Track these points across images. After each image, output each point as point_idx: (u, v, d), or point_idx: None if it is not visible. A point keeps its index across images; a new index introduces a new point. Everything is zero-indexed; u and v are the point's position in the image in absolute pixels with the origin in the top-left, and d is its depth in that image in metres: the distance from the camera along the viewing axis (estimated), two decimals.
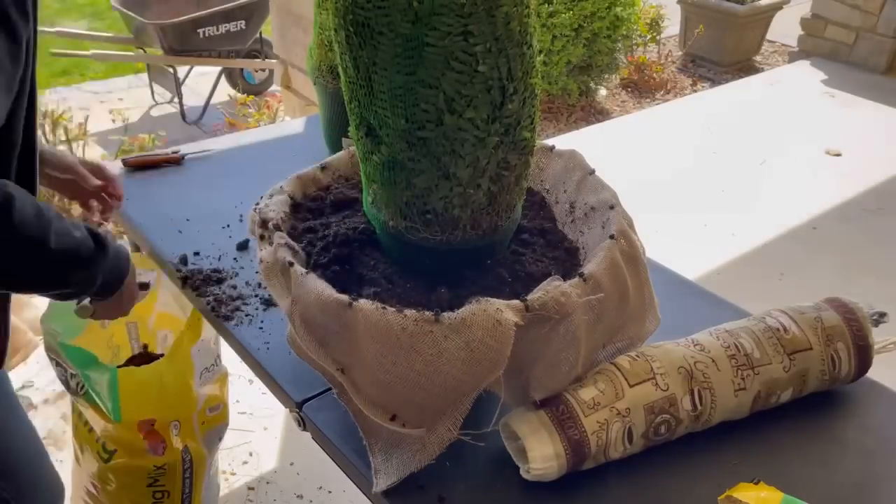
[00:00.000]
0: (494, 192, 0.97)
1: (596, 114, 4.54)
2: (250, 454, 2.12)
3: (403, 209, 0.98)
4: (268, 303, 1.29)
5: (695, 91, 4.90)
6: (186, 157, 1.79)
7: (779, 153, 3.87)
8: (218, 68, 4.73)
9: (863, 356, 1.09)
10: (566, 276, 0.96)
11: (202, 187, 1.68)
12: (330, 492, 2.01)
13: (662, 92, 4.87)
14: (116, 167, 1.72)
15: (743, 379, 1.02)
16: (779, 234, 3.22)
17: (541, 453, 0.94)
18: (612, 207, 1.09)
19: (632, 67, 4.89)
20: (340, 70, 0.96)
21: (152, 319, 1.69)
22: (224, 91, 4.84)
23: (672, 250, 1.99)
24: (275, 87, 4.90)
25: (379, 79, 0.89)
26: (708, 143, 3.96)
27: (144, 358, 1.66)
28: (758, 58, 5.46)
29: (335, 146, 1.68)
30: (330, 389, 1.04)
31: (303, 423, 1.10)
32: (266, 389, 1.22)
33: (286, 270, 0.98)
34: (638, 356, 1.02)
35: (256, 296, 1.31)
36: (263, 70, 4.97)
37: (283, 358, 1.17)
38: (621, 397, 0.97)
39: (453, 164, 0.92)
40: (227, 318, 1.26)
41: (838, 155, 3.86)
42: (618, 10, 4.20)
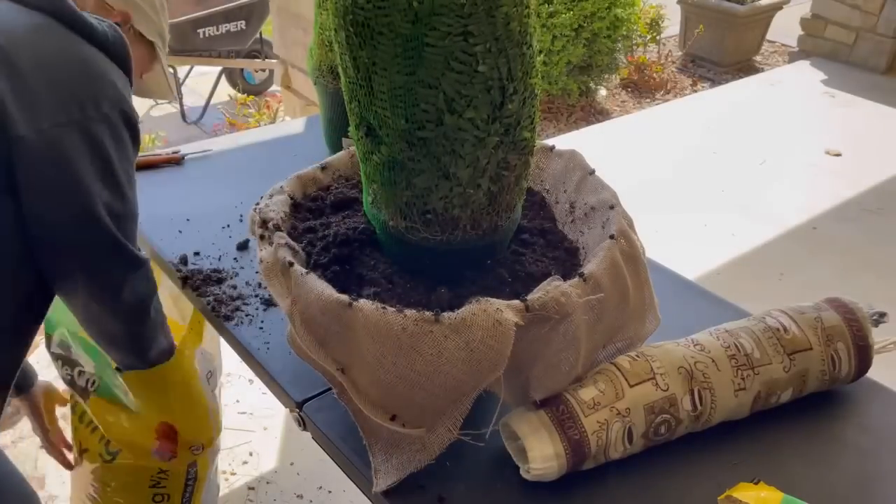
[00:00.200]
0: (494, 192, 0.97)
1: (596, 114, 4.54)
2: (250, 454, 2.12)
3: (403, 209, 0.98)
4: (268, 303, 1.29)
5: (695, 91, 4.90)
6: (186, 157, 1.79)
7: (779, 153, 3.87)
8: (218, 68, 4.74)
9: (863, 356, 1.09)
10: (566, 276, 0.96)
11: (202, 187, 1.68)
12: (330, 492, 2.01)
13: (662, 92, 4.87)
14: None
15: (743, 379, 1.02)
16: (779, 234, 3.22)
17: (541, 453, 0.94)
18: (612, 207, 1.09)
19: (632, 67, 4.89)
20: (340, 70, 0.96)
21: None
22: (224, 91, 4.84)
23: (672, 250, 1.99)
24: (275, 87, 4.91)
25: (379, 79, 0.89)
26: (708, 143, 3.96)
27: None
28: (758, 58, 5.46)
29: (335, 146, 1.68)
30: (330, 389, 1.04)
31: (303, 423, 1.10)
32: (266, 389, 1.22)
33: (286, 270, 0.98)
34: (638, 356, 1.02)
35: (256, 296, 1.31)
36: (263, 70, 4.98)
37: (283, 358, 1.17)
38: (621, 397, 0.97)
39: (453, 164, 0.92)
40: (227, 318, 1.26)
41: (838, 155, 3.86)
42: (618, 11, 4.20)
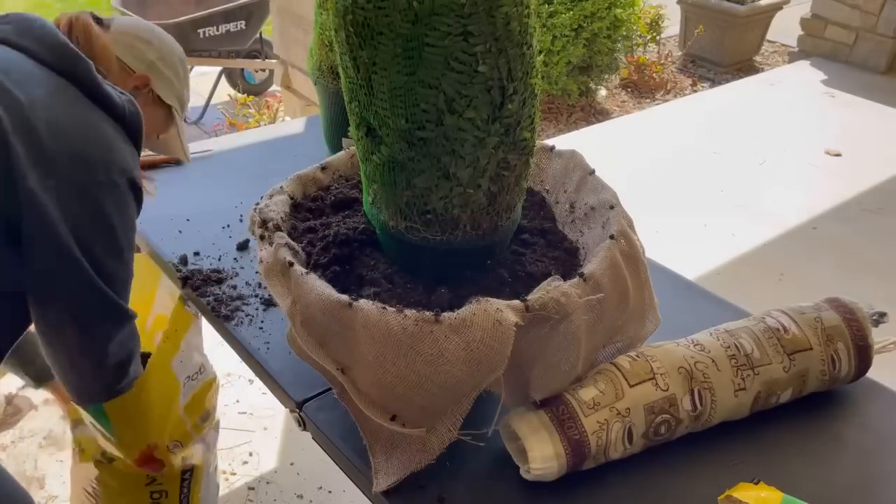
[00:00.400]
0: (494, 193, 0.97)
1: (596, 114, 4.54)
2: (250, 454, 2.12)
3: (403, 209, 0.98)
4: (268, 303, 1.29)
5: (695, 91, 4.90)
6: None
7: (779, 153, 3.87)
8: (218, 68, 4.73)
9: (863, 356, 1.09)
10: (566, 277, 0.96)
11: (202, 187, 1.68)
12: (330, 492, 2.01)
13: (662, 92, 4.87)
14: None
15: (743, 379, 1.02)
16: (779, 234, 3.22)
17: (541, 453, 0.93)
18: (612, 207, 1.09)
19: (632, 67, 4.89)
20: (340, 70, 0.96)
21: (150, 321, 1.68)
22: (224, 91, 4.83)
23: (672, 250, 1.99)
24: (275, 87, 4.90)
25: (379, 79, 0.89)
26: (708, 143, 3.96)
27: None
28: (758, 58, 5.46)
29: (335, 146, 1.68)
30: (330, 389, 1.05)
31: (303, 423, 1.10)
32: (266, 389, 1.22)
33: (286, 270, 0.98)
34: (638, 356, 1.02)
35: (256, 296, 1.31)
36: (263, 70, 4.97)
37: (283, 358, 1.17)
38: (621, 397, 0.97)
39: (453, 165, 0.92)
40: (227, 318, 1.26)
41: (838, 155, 3.86)
42: (618, 11, 4.20)
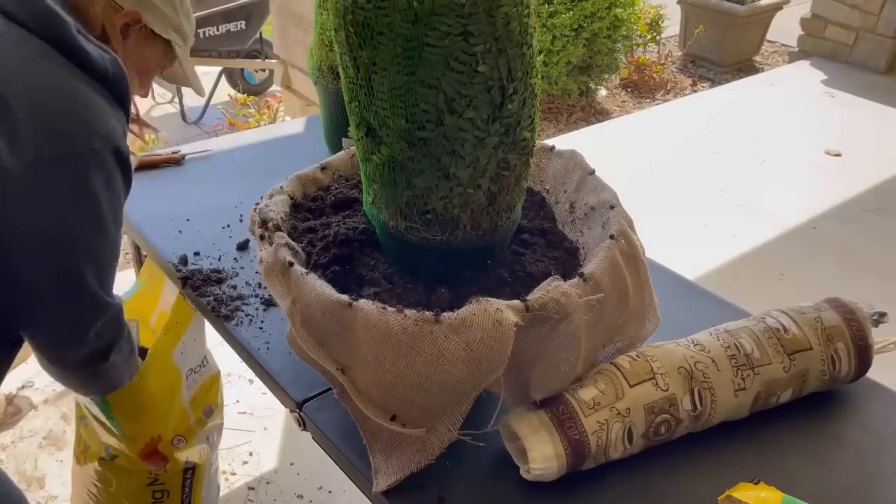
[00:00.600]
0: (494, 192, 0.98)
1: (596, 114, 4.54)
2: (250, 454, 2.12)
3: (403, 209, 0.98)
4: (268, 303, 1.29)
5: (695, 91, 4.90)
6: (186, 157, 1.79)
7: (779, 153, 3.87)
8: (218, 68, 4.73)
9: (863, 356, 1.09)
10: (566, 277, 0.96)
11: (202, 187, 1.68)
12: (330, 492, 2.01)
13: (662, 92, 4.87)
14: None
15: (743, 379, 1.02)
16: (779, 234, 3.22)
17: (541, 453, 0.94)
18: (612, 207, 1.09)
19: (632, 67, 4.89)
20: (340, 70, 0.96)
21: (154, 318, 1.68)
22: (224, 91, 4.83)
23: (672, 250, 1.99)
24: (275, 87, 4.90)
25: (379, 79, 0.89)
26: (708, 143, 3.96)
27: None
28: (758, 58, 5.46)
29: (335, 146, 1.68)
30: (330, 389, 1.05)
31: (303, 423, 1.10)
32: (266, 389, 1.22)
33: (286, 270, 0.98)
34: (638, 356, 1.02)
35: (256, 296, 1.31)
36: (263, 70, 4.97)
37: (283, 358, 1.17)
38: (621, 397, 0.97)
39: (453, 165, 0.92)
40: (227, 318, 1.26)
41: (838, 155, 3.86)
42: (618, 11, 4.20)
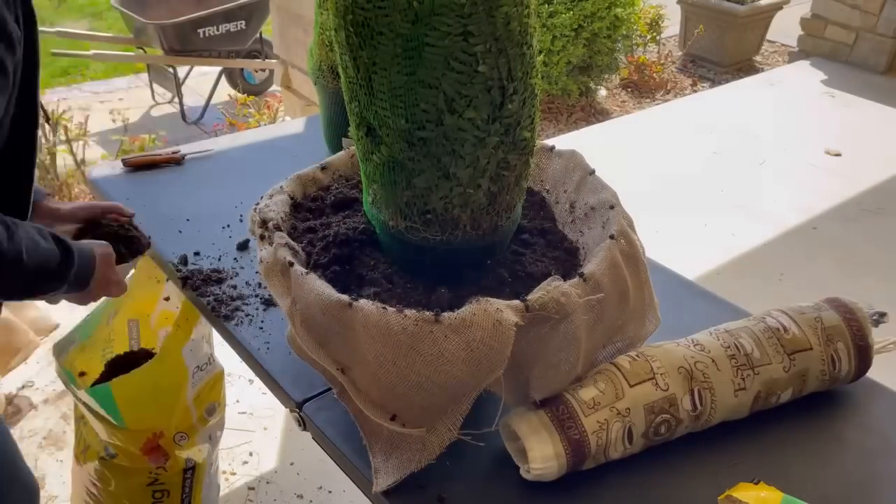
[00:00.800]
0: (494, 192, 0.98)
1: (596, 114, 4.54)
2: (250, 454, 2.12)
3: (403, 209, 0.98)
4: (268, 303, 1.29)
5: (695, 91, 4.90)
6: (186, 157, 1.79)
7: (779, 153, 3.87)
8: (218, 68, 4.74)
9: (863, 356, 1.09)
10: (566, 276, 0.96)
11: (202, 187, 1.68)
12: (330, 492, 2.01)
13: (662, 92, 4.87)
14: (111, 168, 1.72)
15: (743, 379, 1.02)
16: (779, 234, 3.22)
17: (541, 453, 0.94)
18: (612, 207, 1.09)
19: (632, 67, 4.89)
20: (340, 70, 0.96)
21: (154, 317, 1.68)
22: (224, 91, 4.83)
23: (672, 250, 1.99)
24: (275, 87, 4.91)
25: (379, 79, 0.89)
26: (708, 143, 3.96)
27: (130, 358, 1.64)
28: (758, 58, 5.46)
29: (335, 146, 1.68)
30: (330, 389, 1.04)
31: (303, 423, 1.10)
32: (266, 389, 1.22)
33: (286, 270, 0.98)
34: (638, 356, 1.02)
35: (256, 296, 1.31)
36: (263, 70, 4.98)
37: (283, 358, 1.17)
38: (621, 397, 0.97)
39: (453, 164, 0.92)
40: (227, 318, 1.26)
41: (838, 155, 3.86)
42: (618, 11, 4.20)
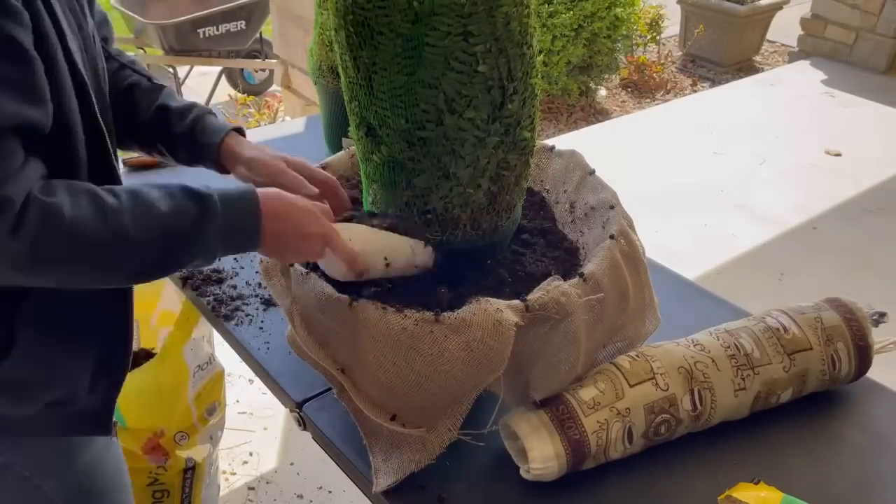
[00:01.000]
0: (494, 192, 0.98)
1: (596, 114, 4.54)
2: (250, 454, 2.12)
3: (404, 209, 0.98)
4: (268, 303, 1.29)
5: (695, 91, 4.89)
6: None
7: (779, 153, 3.87)
8: (218, 68, 4.73)
9: (863, 356, 1.09)
10: (566, 276, 0.96)
11: (202, 187, 1.67)
12: (330, 492, 2.01)
13: (662, 92, 4.87)
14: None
15: (743, 379, 1.02)
16: (779, 234, 3.22)
17: (541, 453, 0.93)
18: (612, 207, 1.09)
19: (632, 67, 4.89)
20: (340, 70, 0.96)
21: (155, 318, 1.68)
22: (224, 91, 4.83)
23: (672, 250, 1.99)
24: (275, 87, 4.90)
25: (379, 79, 0.89)
26: (708, 143, 3.96)
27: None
28: (758, 58, 5.45)
29: (335, 146, 1.68)
30: (330, 389, 1.04)
31: (303, 423, 1.10)
32: (266, 389, 1.22)
33: (286, 270, 0.98)
34: (638, 356, 1.02)
35: (256, 296, 1.31)
36: (263, 70, 4.97)
37: (283, 358, 1.17)
38: (621, 397, 0.97)
39: (453, 164, 0.92)
40: (227, 318, 1.26)
41: (838, 155, 3.86)
42: (618, 11, 4.20)
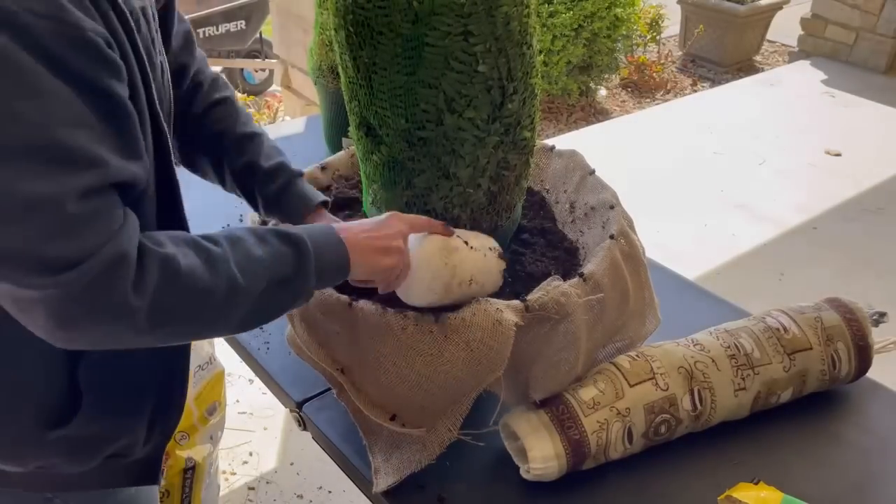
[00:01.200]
0: (494, 192, 0.97)
1: (596, 114, 4.54)
2: (250, 454, 2.12)
3: (404, 209, 0.98)
4: None
5: (695, 91, 4.89)
6: None
7: (779, 153, 3.87)
8: (218, 68, 4.74)
9: (863, 356, 1.09)
10: (566, 276, 0.96)
11: (202, 187, 1.67)
12: (330, 492, 2.00)
13: (662, 92, 4.86)
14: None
15: (743, 379, 1.02)
16: (779, 234, 3.22)
17: (541, 453, 0.93)
18: (612, 207, 1.09)
19: (632, 67, 4.89)
20: (340, 70, 0.96)
21: None
22: None
23: (672, 250, 2.00)
24: (275, 87, 4.91)
25: (379, 79, 0.89)
26: (708, 143, 3.96)
27: None
28: (758, 58, 5.45)
29: (335, 146, 1.68)
30: (330, 389, 1.04)
31: (303, 423, 1.10)
32: (266, 389, 1.22)
33: None
34: (638, 356, 1.02)
35: None
36: (263, 70, 4.98)
37: (283, 358, 1.17)
38: (621, 397, 0.97)
39: (453, 164, 0.92)
40: None
41: (838, 155, 3.86)
42: (618, 11, 4.20)
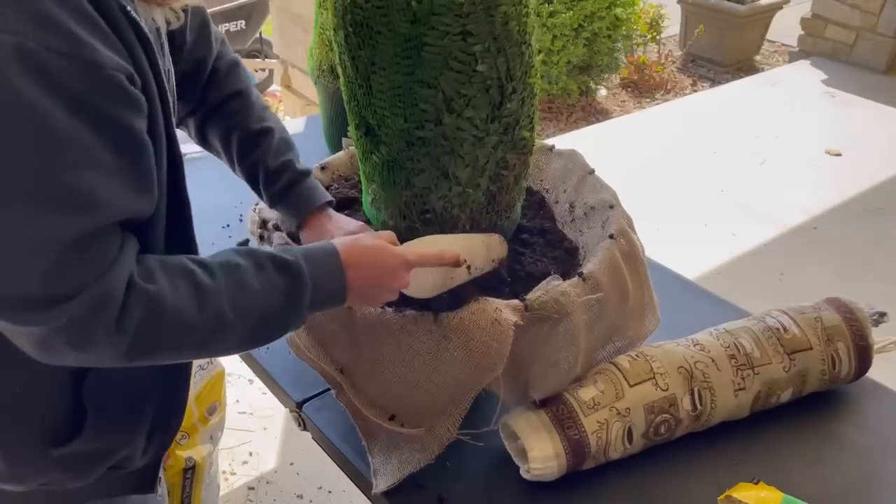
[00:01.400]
0: (494, 192, 0.97)
1: (596, 114, 4.54)
2: (250, 454, 2.12)
3: (403, 209, 0.98)
4: None
5: (695, 91, 4.89)
6: (186, 157, 1.78)
7: (779, 153, 3.86)
8: None
9: (863, 356, 1.09)
10: (566, 276, 0.96)
11: (202, 187, 1.67)
12: (330, 492, 2.00)
13: (662, 92, 4.86)
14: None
15: (743, 379, 1.02)
16: (779, 234, 3.22)
17: (541, 453, 0.93)
18: (612, 207, 1.09)
19: (632, 67, 4.89)
20: (339, 70, 0.96)
21: None
22: None
23: (672, 250, 1.99)
24: (275, 87, 4.91)
25: (378, 78, 0.89)
26: (708, 143, 3.96)
27: None
28: (758, 58, 5.45)
29: (335, 146, 1.68)
30: (329, 389, 1.04)
31: (303, 423, 1.10)
32: (266, 389, 1.22)
33: None
34: (638, 356, 1.02)
35: None
36: (263, 70, 4.98)
37: (283, 358, 1.16)
38: (621, 397, 0.97)
39: (452, 164, 0.92)
40: None
41: (838, 155, 3.86)
42: (618, 11, 4.20)
